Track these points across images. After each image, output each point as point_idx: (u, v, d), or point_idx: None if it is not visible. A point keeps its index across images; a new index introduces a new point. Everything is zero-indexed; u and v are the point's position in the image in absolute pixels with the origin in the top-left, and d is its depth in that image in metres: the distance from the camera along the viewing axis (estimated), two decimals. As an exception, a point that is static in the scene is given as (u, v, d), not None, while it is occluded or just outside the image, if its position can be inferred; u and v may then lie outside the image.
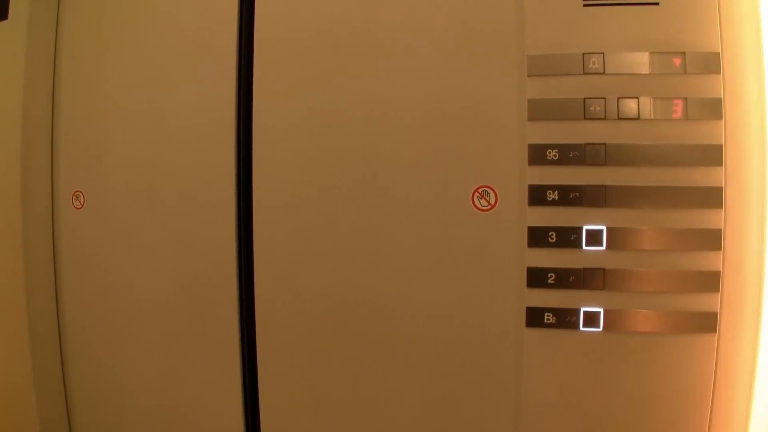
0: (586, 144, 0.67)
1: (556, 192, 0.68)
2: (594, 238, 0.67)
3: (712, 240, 0.66)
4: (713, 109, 0.66)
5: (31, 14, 0.84)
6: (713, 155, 0.66)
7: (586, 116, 0.67)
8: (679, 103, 0.66)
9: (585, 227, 0.67)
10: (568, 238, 0.68)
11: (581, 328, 0.68)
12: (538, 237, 0.68)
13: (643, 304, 0.67)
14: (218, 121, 0.78)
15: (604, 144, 0.67)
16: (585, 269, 0.68)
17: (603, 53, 0.67)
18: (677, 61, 0.66)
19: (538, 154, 0.68)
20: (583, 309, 0.68)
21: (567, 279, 0.68)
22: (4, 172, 0.85)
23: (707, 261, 0.66)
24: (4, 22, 0.85)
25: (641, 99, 0.66)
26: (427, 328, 0.73)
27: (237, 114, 0.78)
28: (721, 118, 0.66)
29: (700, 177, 0.66)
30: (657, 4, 0.66)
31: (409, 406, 0.74)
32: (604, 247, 0.67)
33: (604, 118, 0.67)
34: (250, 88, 0.78)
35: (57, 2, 0.87)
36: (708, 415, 0.67)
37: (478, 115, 0.70)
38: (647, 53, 0.66)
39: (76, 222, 0.86)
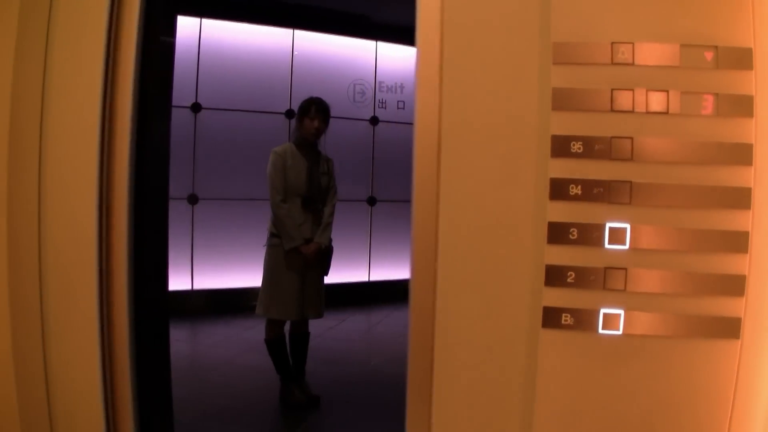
0: (612, 137, 0.64)
1: (579, 186, 0.64)
2: (617, 236, 0.64)
3: (739, 242, 0.63)
4: (744, 106, 0.63)
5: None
6: (743, 154, 0.63)
7: (613, 108, 0.64)
8: (710, 98, 0.63)
9: (608, 224, 0.64)
10: (590, 235, 0.64)
11: (600, 331, 0.65)
12: (558, 233, 0.65)
13: (665, 307, 0.64)
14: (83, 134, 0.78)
15: (631, 138, 0.64)
16: (606, 269, 0.65)
17: (632, 43, 0.64)
18: (709, 55, 0.63)
19: (561, 146, 0.65)
20: (602, 310, 0.65)
21: (587, 278, 0.65)
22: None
23: (732, 264, 0.64)
24: None
25: (671, 92, 0.63)
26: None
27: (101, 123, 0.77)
28: (752, 116, 0.63)
29: (729, 176, 0.63)
30: (689, -6, 0.64)
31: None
32: (627, 246, 0.64)
33: (632, 111, 0.64)
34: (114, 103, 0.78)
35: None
36: (728, 424, 0.64)
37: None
38: (678, 45, 0.63)
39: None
